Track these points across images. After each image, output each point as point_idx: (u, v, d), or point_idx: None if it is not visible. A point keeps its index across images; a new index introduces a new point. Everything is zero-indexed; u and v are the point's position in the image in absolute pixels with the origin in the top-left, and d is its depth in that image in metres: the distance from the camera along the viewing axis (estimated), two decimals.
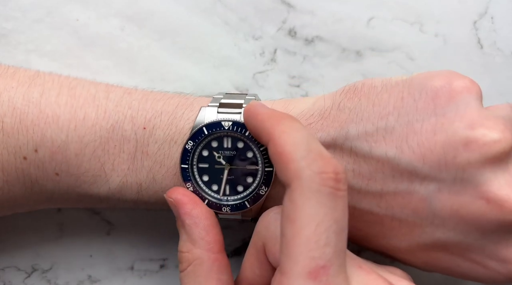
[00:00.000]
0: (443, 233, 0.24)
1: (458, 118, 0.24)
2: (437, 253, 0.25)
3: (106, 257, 0.34)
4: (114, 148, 0.27)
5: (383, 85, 0.26)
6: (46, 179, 0.27)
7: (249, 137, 0.26)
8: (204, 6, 0.35)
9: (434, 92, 0.24)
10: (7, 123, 0.26)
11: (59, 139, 0.27)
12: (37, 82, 0.27)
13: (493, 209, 0.23)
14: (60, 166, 0.27)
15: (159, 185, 0.27)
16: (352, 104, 0.26)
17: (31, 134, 0.26)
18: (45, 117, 0.27)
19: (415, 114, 0.24)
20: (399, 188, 0.24)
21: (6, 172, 0.26)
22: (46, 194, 0.28)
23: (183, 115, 0.27)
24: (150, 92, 0.29)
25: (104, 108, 0.27)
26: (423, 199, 0.24)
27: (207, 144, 0.27)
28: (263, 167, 0.26)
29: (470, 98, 0.24)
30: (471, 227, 0.24)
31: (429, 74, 0.25)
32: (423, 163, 0.24)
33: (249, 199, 0.27)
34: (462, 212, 0.23)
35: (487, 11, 0.35)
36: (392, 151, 0.24)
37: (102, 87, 0.28)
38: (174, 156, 0.27)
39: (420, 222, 0.24)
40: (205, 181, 0.27)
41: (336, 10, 0.35)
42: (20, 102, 0.27)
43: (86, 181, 0.27)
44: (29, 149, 0.26)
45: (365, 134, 0.25)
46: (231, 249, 0.34)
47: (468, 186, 0.23)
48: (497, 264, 0.24)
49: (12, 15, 0.34)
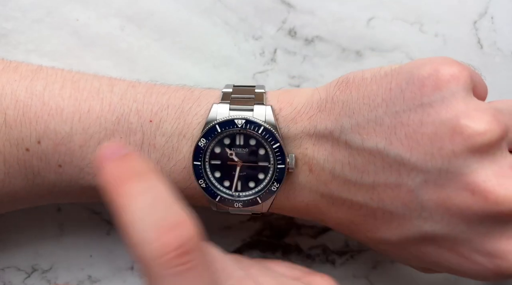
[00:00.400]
0: (430, 226, 0.24)
1: (444, 108, 0.23)
2: (427, 247, 0.25)
3: (106, 257, 0.34)
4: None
5: (373, 76, 0.26)
6: (49, 171, 0.27)
7: (262, 134, 0.26)
8: (204, 6, 0.35)
9: (421, 81, 0.24)
10: (9, 116, 0.26)
11: (63, 131, 0.27)
12: (40, 76, 0.27)
13: (478, 201, 0.23)
14: (64, 158, 0.27)
15: (166, 178, 0.27)
16: (344, 96, 0.26)
17: (34, 126, 0.26)
18: (49, 109, 0.27)
19: (402, 104, 0.24)
20: (389, 180, 0.25)
21: (8, 164, 0.26)
22: (48, 187, 0.28)
23: (191, 109, 0.27)
24: (154, 85, 0.29)
25: (108, 101, 0.27)
26: (410, 191, 0.24)
27: (220, 141, 0.27)
28: (275, 164, 0.27)
29: (457, 88, 0.24)
30: (457, 219, 0.24)
31: (417, 63, 0.25)
32: (410, 155, 0.24)
33: (261, 195, 0.27)
34: (448, 204, 0.23)
35: (487, 11, 0.35)
36: (382, 142, 0.24)
37: (105, 81, 0.28)
38: (183, 149, 0.27)
39: (409, 215, 0.24)
40: (217, 178, 0.27)
41: (336, 10, 0.35)
42: (23, 95, 0.27)
43: (90, 172, 0.27)
44: (32, 141, 0.26)
45: (357, 126, 0.25)
46: (231, 250, 0.34)
47: (453, 177, 0.23)
48: (484, 259, 0.24)
49: (12, 15, 0.34)
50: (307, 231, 0.35)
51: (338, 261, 0.34)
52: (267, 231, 0.35)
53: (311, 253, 0.34)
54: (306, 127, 0.27)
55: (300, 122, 0.27)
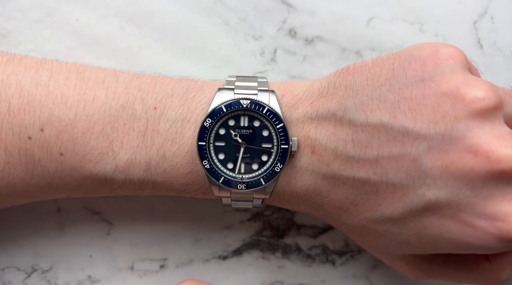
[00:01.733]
0: (434, 193, 0.25)
1: (445, 81, 0.25)
2: (428, 218, 0.25)
3: (106, 257, 0.34)
4: (123, 126, 0.27)
5: (374, 61, 0.27)
6: (50, 160, 0.27)
7: (266, 115, 0.27)
8: (204, 6, 0.35)
9: (422, 60, 0.26)
10: (14, 104, 0.27)
11: (66, 118, 0.27)
12: (45, 67, 0.28)
13: (481, 161, 0.24)
14: (66, 145, 0.27)
15: (169, 163, 0.28)
16: (346, 81, 0.27)
17: (38, 114, 0.27)
18: (54, 98, 0.27)
19: (404, 81, 0.26)
20: (393, 152, 0.25)
21: (8, 153, 0.27)
22: (48, 178, 0.28)
23: (195, 97, 0.28)
24: (158, 76, 0.29)
25: (113, 90, 0.28)
26: (414, 160, 0.25)
27: (225, 122, 0.28)
28: (279, 144, 0.27)
29: (455, 65, 0.25)
30: (460, 183, 0.24)
31: (418, 45, 0.27)
32: (414, 124, 0.25)
33: (264, 176, 0.27)
34: (451, 168, 0.24)
35: (487, 11, 0.35)
36: (386, 116, 0.25)
37: (110, 72, 0.29)
38: (187, 134, 0.28)
39: (413, 184, 0.25)
40: (221, 159, 0.28)
41: (336, 10, 0.35)
42: (28, 85, 0.27)
43: (92, 159, 0.27)
44: (35, 128, 0.27)
45: (361, 105, 0.26)
46: (231, 250, 0.34)
47: (456, 142, 0.24)
48: (486, 223, 0.24)
49: (12, 15, 0.34)
50: (307, 231, 0.35)
51: (338, 261, 0.34)
52: (267, 231, 0.35)
53: (311, 253, 0.34)
54: (308, 112, 0.28)
55: (301, 108, 0.28)
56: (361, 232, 0.28)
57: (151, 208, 0.34)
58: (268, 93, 0.28)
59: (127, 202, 0.34)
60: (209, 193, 0.29)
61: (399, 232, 0.27)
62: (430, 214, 0.25)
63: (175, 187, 0.29)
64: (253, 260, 0.34)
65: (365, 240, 0.29)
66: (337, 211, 0.28)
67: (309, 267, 0.34)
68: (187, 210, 0.34)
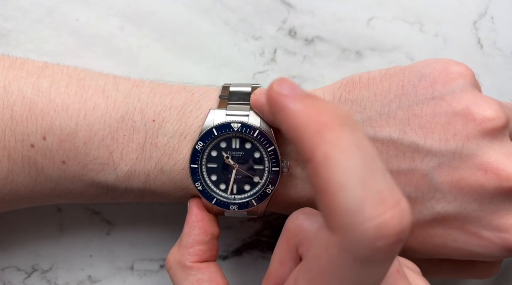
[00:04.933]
0: (443, 206, 0.25)
1: (455, 100, 0.26)
2: (435, 228, 0.26)
3: (106, 257, 0.34)
4: (123, 138, 0.27)
5: (382, 75, 0.27)
6: (52, 168, 0.27)
7: (257, 138, 0.27)
8: (204, 6, 0.35)
9: (432, 78, 0.26)
10: (16, 112, 0.27)
11: (68, 127, 0.27)
12: (46, 73, 0.28)
13: (491, 178, 0.24)
14: (68, 154, 0.27)
15: (167, 177, 0.28)
16: (353, 96, 0.27)
17: (40, 122, 0.27)
18: (55, 106, 0.27)
19: (414, 99, 0.26)
20: (402, 167, 0.26)
21: (12, 160, 0.27)
22: (51, 185, 0.28)
23: (192, 112, 0.28)
24: (157, 85, 0.29)
25: (113, 99, 0.28)
26: (424, 175, 0.25)
27: (216, 144, 0.28)
28: (270, 166, 0.27)
29: (465, 83, 0.26)
30: (469, 198, 0.25)
31: (427, 62, 0.27)
32: (425, 141, 0.25)
33: (255, 198, 0.28)
34: (461, 184, 0.25)
35: (487, 11, 0.35)
36: (396, 133, 0.26)
37: (110, 79, 0.29)
38: (183, 151, 0.28)
39: (421, 197, 0.25)
40: (213, 181, 0.28)
41: (336, 10, 0.35)
42: (30, 92, 0.27)
43: (94, 169, 0.27)
44: (37, 136, 0.27)
45: (370, 120, 0.26)
46: (231, 250, 0.34)
47: (467, 159, 0.25)
48: (492, 233, 0.25)
49: (12, 15, 0.34)
50: None
51: None
52: (267, 231, 0.35)
53: None
54: None
55: None
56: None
57: (151, 208, 0.34)
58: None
59: (127, 202, 0.34)
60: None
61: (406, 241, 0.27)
62: (437, 225, 0.26)
63: (174, 198, 0.29)
64: (253, 260, 0.34)
65: None
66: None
67: None
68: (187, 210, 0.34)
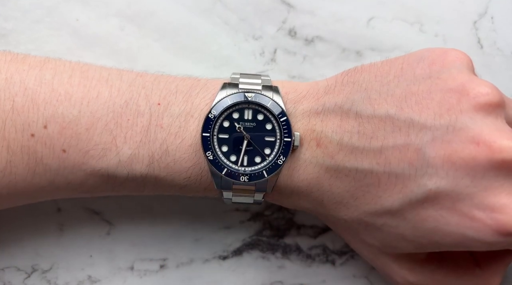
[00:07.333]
0: (435, 182, 0.25)
1: (451, 79, 0.26)
2: (427, 210, 0.26)
3: (106, 257, 0.34)
4: (127, 122, 0.27)
5: (383, 61, 0.29)
6: (52, 157, 0.27)
7: (270, 108, 0.28)
8: (204, 6, 0.35)
9: (431, 60, 0.27)
10: (18, 102, 0.27)
11: (70, 114, 0.27)
12: (49, 66, 0.28)
13: (483, 151, 0.24)
14: (69, 141, 0.27)
15: (172, 157, 0.28)
16: (354, 79, 0.28)
17: (42, 111, 0.27)
18: (57, 95, 0.27)
19: (412, 78, 0.27)
20: (397, 142, 0.26)
21: (11, 151, 0.27)
22: (49, 176, 0.28)
23: (198, 94, 0.28)
24: (161, 75, 0.30)
25: (117, 88, 0.28)
26: (418, 150, 0.26)
27: (229, 115, 0.28)
28: (282, 137, 0.28)
29: (461, 66, 0.27)
30: (462, 172, 0.25)
31: (427, 48, 0.28)
32: (419, 116, 0.26)
33: (267, 169, 0.28)
34: (453, 158, 0.25)
35: (487, 11, 0.35)
36: (393, 109, 0.26)
37: (114, 71, 0.29)
38: (190, 128, 0.28)
39: (414, 174, 0.26)
40: (224, 152, 0.28)
41: (336, 10, 0.35)
42: (32, 83, 0.27)
43: (95, 155, 0.27)
44: (38, 125, 0.27)
45: (369, 98, 0.27)
46: (231, 250, 0.34)
47: (460, 133, 0.25)
48: (484, 214, 0.25)
49: (12, 15, 0.34)
50: (307, 231, 0.35)
51: (338, 261, 0.34)
52: (267, 231, 0.35)
53: (311, 253, 0.34)
54: (314, 106, 0.28)
55: (306, 103, 0.29)
56: (357, 229, 0.28)
57: (151, 208, 0.34)
58: (272, 89, 0.28)
59: (127, 202, 0.34)
60: (211, 190, 0.29)
61: (396, 225, 0.27)
62: (429, 205, 0.26)
63: (177, 183, 0.29)
64: (253, 260, 0.34)
65: (360, 239, 0.29)
66: (336, 206, 0.28)
67: (309, 267, 0.34)
68: (187, 210, 0.34)
